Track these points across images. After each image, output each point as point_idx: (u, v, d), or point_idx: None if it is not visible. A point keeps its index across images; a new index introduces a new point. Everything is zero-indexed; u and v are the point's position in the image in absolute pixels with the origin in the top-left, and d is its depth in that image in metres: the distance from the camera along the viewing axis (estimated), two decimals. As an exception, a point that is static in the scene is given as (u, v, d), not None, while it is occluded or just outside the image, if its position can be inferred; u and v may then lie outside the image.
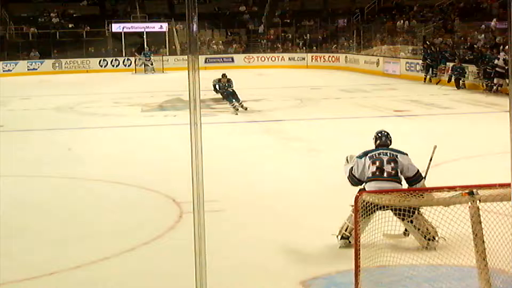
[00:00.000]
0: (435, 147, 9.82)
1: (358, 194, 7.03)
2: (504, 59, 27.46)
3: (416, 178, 9.12)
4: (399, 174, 9.02)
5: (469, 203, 6.81)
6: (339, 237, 9.16)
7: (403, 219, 8.16)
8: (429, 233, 8.71)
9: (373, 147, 9.55)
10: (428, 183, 11.29)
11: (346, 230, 9.11)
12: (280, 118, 22.68)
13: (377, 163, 9.01)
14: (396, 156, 9.13)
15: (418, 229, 8.68)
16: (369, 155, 9.19)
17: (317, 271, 8.30)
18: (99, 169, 14.47)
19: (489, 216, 6.98)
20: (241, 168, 14.48)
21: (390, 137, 9.66)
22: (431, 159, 9.72)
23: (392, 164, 9.00)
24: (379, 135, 9.70)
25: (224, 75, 24.86)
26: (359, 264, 7.00)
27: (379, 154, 9.16)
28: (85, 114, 24.70)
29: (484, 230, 6.76)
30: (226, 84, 24.40)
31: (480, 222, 6.76)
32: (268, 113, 24.08)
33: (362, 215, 7.01)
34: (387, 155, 9.12)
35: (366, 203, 6.98)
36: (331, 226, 9.75)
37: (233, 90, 24.39)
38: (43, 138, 19.45)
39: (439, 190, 7.22)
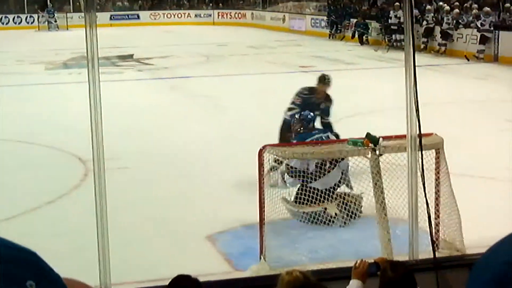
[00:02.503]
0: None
1: (261, 148, 7.13)
2: (395, 16, 28.23)
3: None
4: None
5: (370, 154, 7.01)
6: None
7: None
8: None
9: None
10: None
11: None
12: (187, 75, 22.59)
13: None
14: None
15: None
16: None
17: (223, 226, 8.41)
18: (2, 128, 14.17)
19: (389, 166, 7.20)
20: (146, 125, 14.43)
21: None
22: None
23: None
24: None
25: (324, 80, 11.39)
26: (264, 217, 7.14)
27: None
28: (-14, 73, 24.07)
29: (384, 181, 6.98)
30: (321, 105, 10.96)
31: (380, 173, 6.97)
32: (174, 69, 23.95)
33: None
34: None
35: None
36: (238, 181, 9.89)
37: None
38: None
39: (342, 142, 7.41)
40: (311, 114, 9.15)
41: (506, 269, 1.10)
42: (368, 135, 7.00)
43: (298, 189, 8.07)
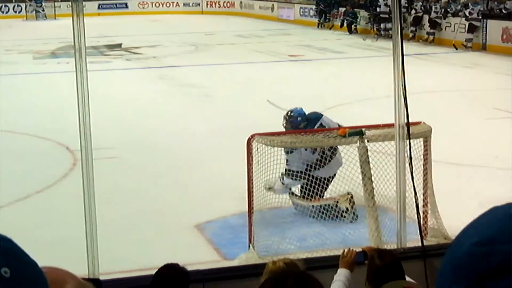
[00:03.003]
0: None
1: (250, 137, 7.13)
2: (385, 4, 28.13)
3: None
4: None
5: (358, 143, 7.03)
6: None
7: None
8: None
9: None
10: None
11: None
12: (175, 64, 22.54)
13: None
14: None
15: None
16: None
17: (212, 214, 8.41)
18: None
19: (378, 156, 7.22)
20: (135, 115, 14.39)
21: None
22: None
23: None
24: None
25: None
26: (252, 206, 7.15)
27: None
28: (-26, 62, 23.95)
29: (372, 170, 7.00)
30: None
31: (368, 162, 6.99)
32: (163, 59, 23.90)
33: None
34: None
35: None
36: (226, 170, 9.89)
37: None
38: None
39: (331, 131, 7.42)
40: (300, 116, 8.39)
41: (474, 250, 1.11)
42: (350, 132, 7.03)
43: (304, 182, 7.95)
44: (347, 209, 7.92)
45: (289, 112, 8.43)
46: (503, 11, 24.59)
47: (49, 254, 7.33)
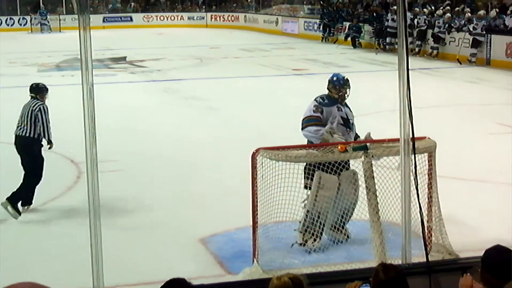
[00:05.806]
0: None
1: (255, 151, 7.12)
2: (392, 19, 28.10)
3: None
4: None
5: (363, 157, 7.02)
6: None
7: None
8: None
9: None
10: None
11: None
12: (180, 77, 22.57)
13: None
14: None
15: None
16: None
17: (216, 228, 8.40)
18: (-6, 131, 14.15)
19: (382, 171, 7.21)
20: (139, 128, 14.40)
21: None
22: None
23: None
24: None
25: None
26: (257, 220, 7.14)
27: None
28: (-21, 74, 23.98)
29: (377, 184, 6.99)
30: None
31: (373, 177, 6.98)
32: (167, 72, 23.94)
33: None
34: None
35: None
36: (231, 183, 9.89)
37: None
38: None
39: (335, 146, 7.40)
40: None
41: None
42: (355, 147, 7.06)
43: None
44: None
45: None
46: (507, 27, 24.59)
47: (54, 267, 7.33)
